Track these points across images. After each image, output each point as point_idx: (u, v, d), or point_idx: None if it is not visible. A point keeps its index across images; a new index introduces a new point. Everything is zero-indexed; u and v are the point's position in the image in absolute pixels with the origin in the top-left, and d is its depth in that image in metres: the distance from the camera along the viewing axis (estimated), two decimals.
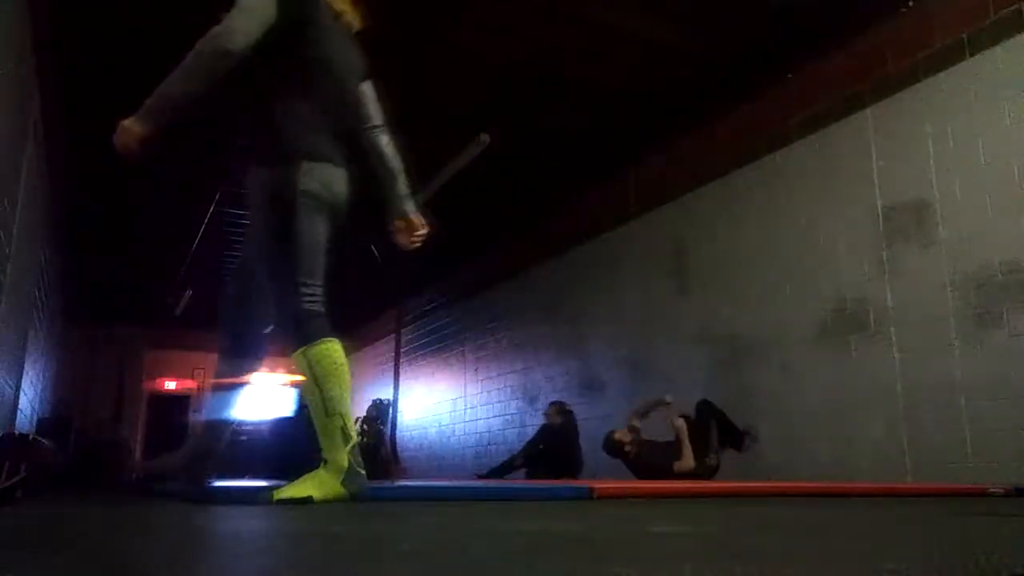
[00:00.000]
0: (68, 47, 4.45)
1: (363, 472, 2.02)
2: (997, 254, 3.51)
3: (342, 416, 2.01)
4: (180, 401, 11.87)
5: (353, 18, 2.38)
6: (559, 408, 6.21)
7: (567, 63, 4.73)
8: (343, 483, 1.95)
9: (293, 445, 5.41)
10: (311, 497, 1.92)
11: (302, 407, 2.55)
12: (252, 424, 8.03)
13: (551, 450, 5.96)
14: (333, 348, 2.07)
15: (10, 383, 4.75)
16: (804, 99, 4.64)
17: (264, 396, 12.03)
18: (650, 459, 4.74)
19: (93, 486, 3.12)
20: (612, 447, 4.90)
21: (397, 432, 10.08)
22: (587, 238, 6.62)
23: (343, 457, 1.97)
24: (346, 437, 2.00)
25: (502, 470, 6.04)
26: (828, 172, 4.43)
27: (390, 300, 10.30)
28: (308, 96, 2.21)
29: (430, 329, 9.68)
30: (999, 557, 0.81)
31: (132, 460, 8.35)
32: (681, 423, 4.66)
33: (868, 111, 4.22)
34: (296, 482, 1.98)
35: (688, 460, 4.54)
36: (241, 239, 7.79)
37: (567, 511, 1.83)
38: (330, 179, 2.18)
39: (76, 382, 10.69)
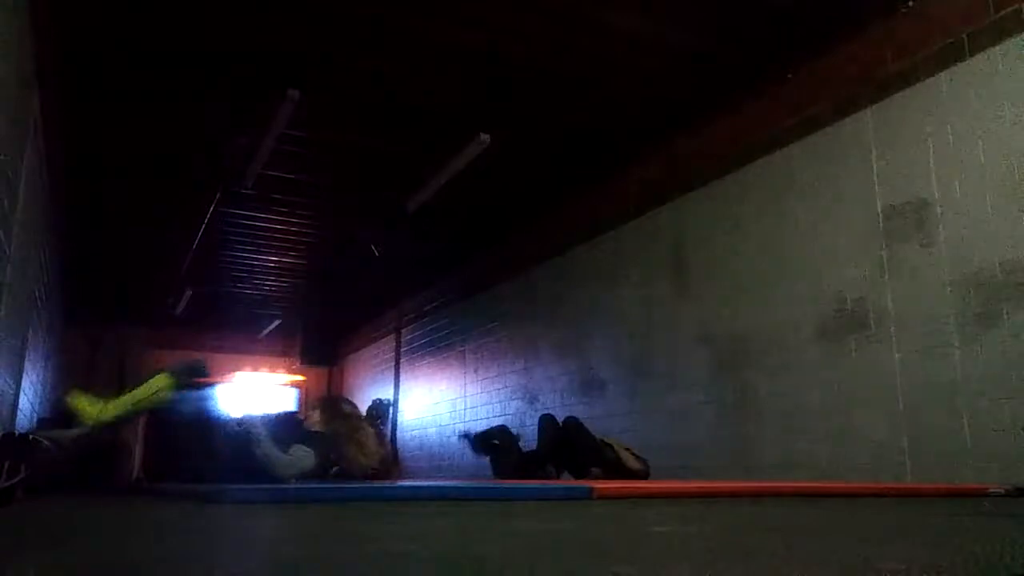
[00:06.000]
0: (68, 46, 4.45)
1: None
2: (997, 254, 3.50)
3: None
4: None
5: None
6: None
7: (567, 63, 4.72)
8: None
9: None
10: None
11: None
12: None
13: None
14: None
15: (10, 383, 4.75)
16: (804, 99, 4.63)
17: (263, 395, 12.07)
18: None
19: (93, 486, 3.12)
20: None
21: (397, 432, 10.07)
22: (587, 238, 6.62)
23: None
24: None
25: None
26: (828, 172, 4.43)
27: (390, 300, 10.29)
28: None
29: (430, 329, 9.68)
30: (999, 557, 0.81)
31: (132, 461, 8.32)
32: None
33: (868, 111, 4.21)
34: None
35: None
36: (241, 239, 7.85)
37: (567, 511, 1.83)
38: None
39: (76, 382, 10.67)
